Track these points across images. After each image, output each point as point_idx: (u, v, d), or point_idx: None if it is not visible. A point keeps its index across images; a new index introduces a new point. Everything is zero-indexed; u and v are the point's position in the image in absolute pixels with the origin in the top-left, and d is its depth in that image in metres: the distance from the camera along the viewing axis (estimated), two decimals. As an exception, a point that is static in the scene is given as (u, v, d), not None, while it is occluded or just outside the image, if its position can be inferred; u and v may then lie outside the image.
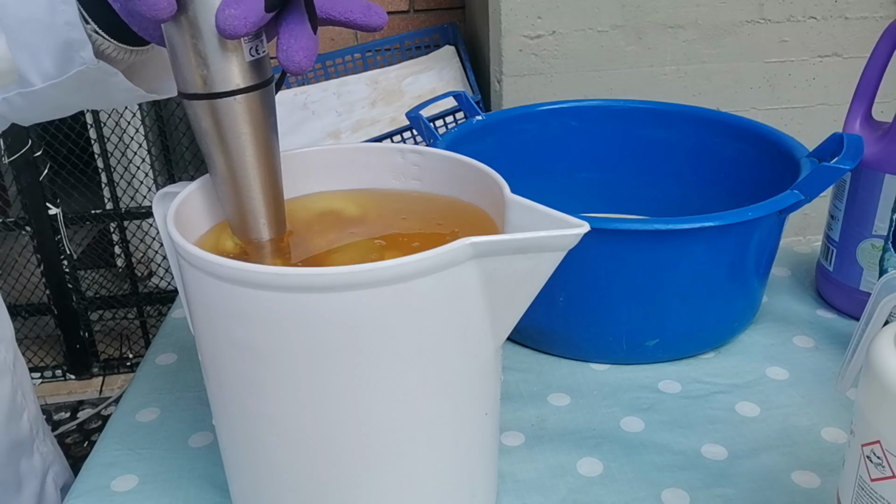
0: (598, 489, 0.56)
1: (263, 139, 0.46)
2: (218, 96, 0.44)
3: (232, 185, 0.47)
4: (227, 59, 0.44)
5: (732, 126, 0.81)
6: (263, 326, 0.42)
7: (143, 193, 1.84)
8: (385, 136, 1.13)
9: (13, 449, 0.67)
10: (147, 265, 2.00)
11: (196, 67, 0.44)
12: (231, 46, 0.43)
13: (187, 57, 0.44)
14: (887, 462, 0.39)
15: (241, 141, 0.46)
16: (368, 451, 0.45)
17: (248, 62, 0.44)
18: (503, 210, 0.48)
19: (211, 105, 0.45)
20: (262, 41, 0.45)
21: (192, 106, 0.45)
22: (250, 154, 0.46)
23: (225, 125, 0.45)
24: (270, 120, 0.47)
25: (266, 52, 0.45)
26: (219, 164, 0.47)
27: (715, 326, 0.70)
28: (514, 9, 1.18)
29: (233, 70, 0.44)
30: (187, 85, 0.45)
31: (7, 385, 0.66)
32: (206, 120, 0.45)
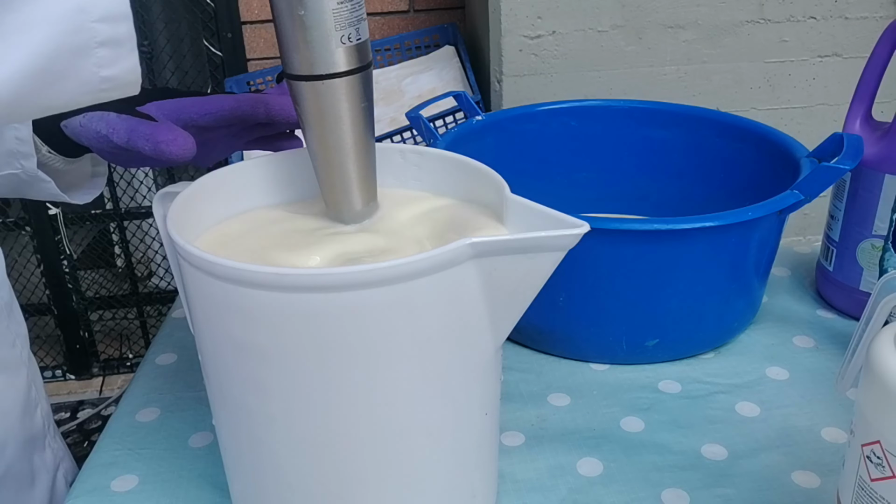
0: (598, 489, 0.56)
1: (360, 119, 0.49)
2: (315, 78, 0.47)
3: (327, 161, 0.50)
4: (322, 45, 0.46)
5: (732, 126, 0.81)
6: (263, 326, 0.42)
7: (143, 193, 1.84)
8: (385, 136, 1.13)
9: (28, 443, 0.67)
10: (147, 265, 2.00)
11: (295, 51, 0.46)
12: (327, 33, 0.45)
13: (289, 42, 0.46)
14: (887, 462, 0.39)
15: (340, 120, 0.48)
16: (368, 451, 0.45)
17: (344, 48, 0.46)
18: (503, 210, 0.48)
19: (313, 86, 0.47)
20: (358, 28, 0.46)
21: (296, 86, 0.48)
22: (347, 132, 0.49)
23: (325, 105, 0.48)
24: (367, 101, 0.49)
25: (366, 37, 0.48)
26: (317, 141, 0.49)
27: (715, 326, 0.70)
28: (514, 9, 1.18)
29: (328, 55, 0.46)
30: (290, 66, 0.47)
31: (23, 379, 0.67)
32: (309, 99, 0.48)
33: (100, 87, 0.41)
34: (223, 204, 0.53)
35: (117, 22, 0.39)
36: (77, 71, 0.39)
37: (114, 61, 0.40)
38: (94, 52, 0.39)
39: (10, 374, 0.66)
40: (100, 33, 0.39)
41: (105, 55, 0.40)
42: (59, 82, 0.40)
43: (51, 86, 0.39)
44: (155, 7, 1.67)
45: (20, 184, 0.60)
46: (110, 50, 0.40)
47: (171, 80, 1.71)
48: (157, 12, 1.67)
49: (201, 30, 1.59)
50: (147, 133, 0.51)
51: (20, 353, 0.68)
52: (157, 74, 1.67)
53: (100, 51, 0.39)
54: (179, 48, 1.67)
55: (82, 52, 0.39)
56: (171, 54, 1.67)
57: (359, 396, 0.44)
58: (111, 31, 0.39)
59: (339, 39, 0.46)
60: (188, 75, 1.69)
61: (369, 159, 0.51)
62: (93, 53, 0.39)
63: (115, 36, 0.39)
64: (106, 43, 0.39)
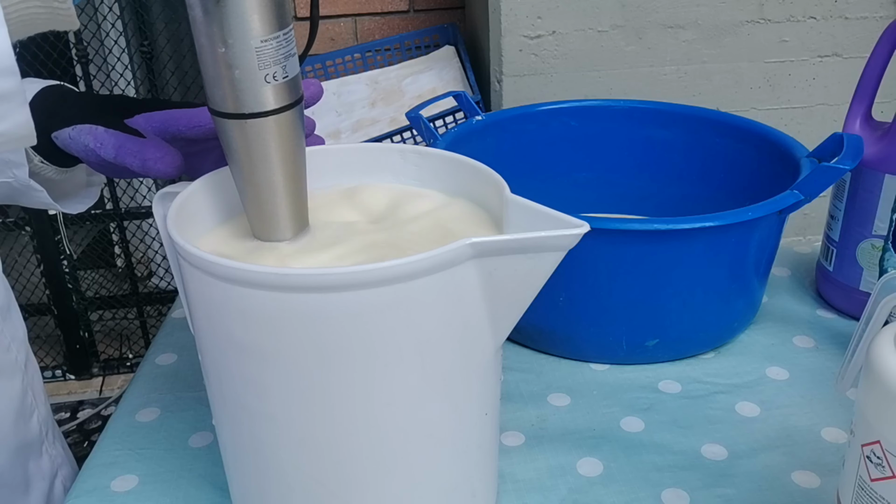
0: (598, 489, 0.56)
1: (290, 156, 0.47)
2: (238, 117, 0.45)
3: (256, 196, 0.48)
4: (246, 83, 0.44)
5: (732, 126, 0.81)
6: (263, 326, 0.42)
7: (143, 193, 1.84)
8: (385, 136, 1.13)
9: (21, 450, 0.66)
10: (147, 265, 2.00)
11: (229, 91, 0.45)
12: (250, 72, 0.44)
13: (212, 79, 0.45)
14: (887, 462, 0.39)
15: (269, 158, 0.47)
16: (368, 451, 0.45)
17: (270, 86, 0.45)
18: (503, 210, 0.48)
19: (240, 125, 0.46)
20: (285, 66, 0.45)
21: (221, 123, 0.46)
22: (277, 169, 0.47)
23: (254, 143, 0.46)
24: (297, 138, 0.48)
25: (295, 73, 0.46)
26: (245, 177, 0.48)
27: (715, 326, 0.70)
28: (514, 9, 1.18)
29: (252, 94, 0.45)
30: (214, 104, 0.46)
31: (17, 385, 0.66)
32: (237, 138, 0.46)
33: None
34: (223, 204, 0.53)
35: (3, 77, 0.38)
36: None
37: (3, 116, 0.39)
38: None
39: (4, 379, 0.65)
40: None
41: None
42: None
43: None
44: (155, 7, 1.67)
45: (13, 192, 0.59)
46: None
47: (171, 80, 1.71)
48: (157, 12, 1.67)
49: (201, 30, 1.59)
50: (135, 150, 0.52)
51: (15, 357, 0.67)
52: (157, 74, 1.67)
53: None
54: (179, 48, 1.67)
55: None
56: (171, 54, 1.67)
57: (359, 396, 0.44)
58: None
59: (264, 78, 0.44)
60: (188, 75, 1.69)
61: (300, 194, 0.49)
62: None
63: (2, 91, 0.38)
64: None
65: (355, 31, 1.51)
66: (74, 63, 1.65)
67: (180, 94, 1.71)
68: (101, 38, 1.68)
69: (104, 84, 1.72)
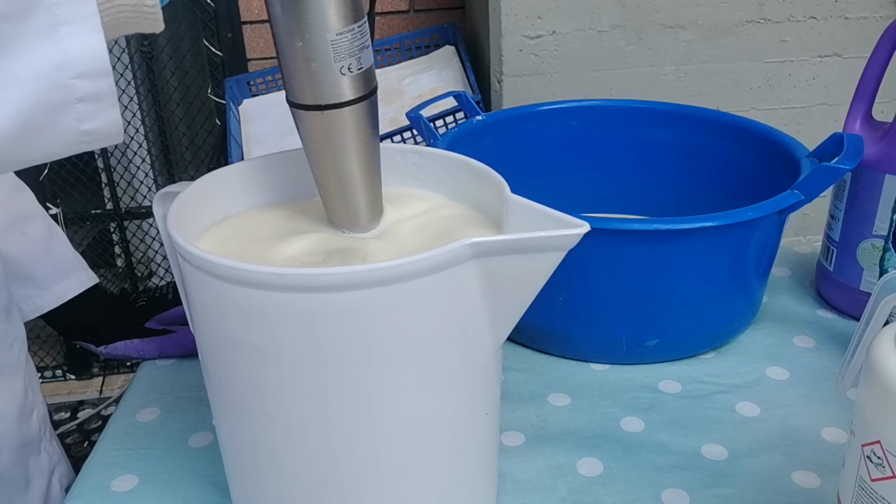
0: (598, 489, 0.56)
1: (366, 145, 0.48)
2: (324, 108, 0.46)
3: (334, 185, 0.49)
4: (335, 75, 0.45)
5: (732, 126, 0.81)
6: (263, 326, 0.42)
7: (143, 193, 1.84)
8: (385, 136, 1.13)
9: (23, 447, 0.67)
10: (147, 265, 2.00)
11: (308, 83, 0.46)
12: (326, 65, 0.45)
13: (290, 71, 0.46)
14: (887, 462, 0.39)
15: (346, 148, 0.48)
16: (368, 451, 0.45)
17: (345, 78, 0.46)
18: (503, 210, 0.48)
19: (317, 115, 0.47)
20: (360, 58, 0.46)
21: (299, 115, 0.47)
22: (353, 158, 0.48)
23: (332, 133, 0.47)
24: (373, 128, 0.49)
25: (369, 64, 0.47)
26: (323, 167, 0.49)
27: (715, 326, 0.70)
28: (514, 9, 1.18)
29: (326, 86, 0.46)
30: (292, 95, 0.47)
31: (20, 383, 0.67)
32: (314, 129, 0.47)
33: (80, 139, 0.41)
34: (223, 204, 0.53)
35: (97, 78, 0.39)
36: (57, 126, 0.40)
37: (94, 116, 0.40)
38: (74, 108, 0.40)
39: (7, 377, 0.66)
40: (79, 89, 0.39)
41: (85, 110, 0.40)
42: (40, 137, 0.40)
43: (31, 141, 0.40)
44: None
45: None
46: (90, 105, 0.40)
47: (171, 80, 1.71)
48: (157, 12, 1.67)
49: (201, 30, 1.59)
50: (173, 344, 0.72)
51: (17, 356, 0.68)
52: (157, 74, 1.67)
53: (79, 106, 0.40)
54: (179, 48, 1.67)
55: (62, 108, 0.39)
56: (171, 54, 1.67)
57: (359, 396, 0.44)
58: (90, 87, 0.39)
59: (339, 70, 0.45)
60: (188, 75, 1.69)
61: (375, 183, 0.50)
62: (72, 109, 0.40)
63: (95, 91, 0.40)
64: (85, 98, 0.40)
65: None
66: (74, 63, 1.65)
67: (180, 93, 1.71)
68: (101, 38, 1.68)
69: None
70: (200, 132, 1.71)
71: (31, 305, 0.74)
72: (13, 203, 0.73)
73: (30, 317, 0.74)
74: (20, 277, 0.72)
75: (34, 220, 0.74)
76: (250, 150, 1.24)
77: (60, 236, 0.78)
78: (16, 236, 0.72)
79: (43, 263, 0.74)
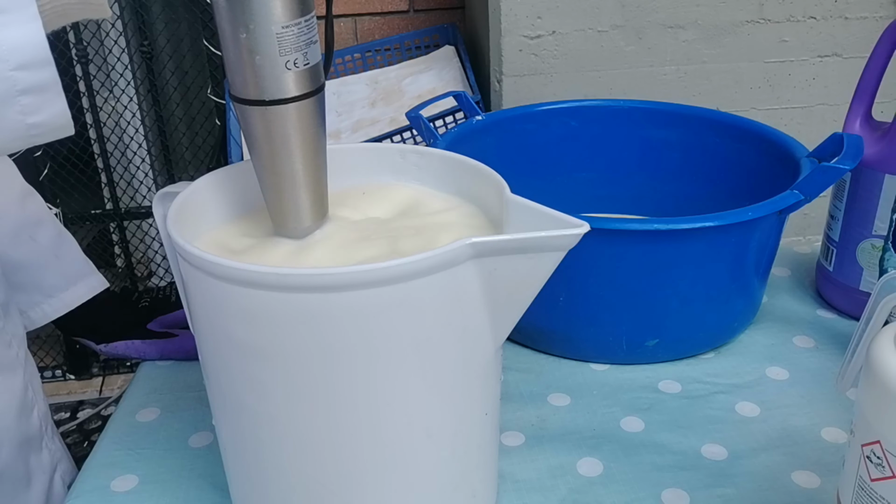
0: (598, 489, 0.56)
1: (310, 144, 0.47)
2: (261, 104, 0.45)
3: (276, 184, 0.48)
4: (268, 70, 0.44)
5: (732, 126, 0.81)
6: (263, 326, 0.42)
7: (143, 193, 1.84)
8: (385, 136, 1.13)
9: (23, 444, 0.67)
10: (147, 265, 2.00)
11: (251, 77, 0.45)
12: (272, 58, 0.44)
13: (235, 66, 0.45)
14: (887, 462, 0.39)
15: (289, 146, 0.47)
16: (368, 451, 0.45)
17: (292, 73, 0.45)
18: (503, 210, 0.48)
19: (261, 111, 0.46)
20: (307, 52, 0.45)
21: (243, 110, 0.46)
22: (297, 157, 0.47)
23: (275, 130, 0.46)
24: (318, 126, 0.48)
25: (318, 60, 0.46)
26: (265, 165, 0.48)
27: (715, 326, 0.70)
28: (514, 9, 1.18)
29: (273, 81, 0.45)
30: (236, 90, 0.46)
31: (19, 380, 0.67)
32: (258, 125, 0.46)
33: (28, 133, 0.40)
34: (223, 204, 0.53)
35: (38, 69, 0.38)
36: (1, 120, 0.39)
37: (39, 108, 0.40)
38: (17, 101, 0.39)
39: (6, 375, 0.66)
40: (20, 81, 0.38)
41: (29, 103, 0.39)
42: None
43: None
44: (155, 7, 1.67)
45: None
46: (34, 97, 0.39)
47: (171, 80, 1.71)
48: (157, 12, 1.67)
49: (201, 30, 1.59)
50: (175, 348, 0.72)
51: (16, 353, 0.68)
52: (157, 74, 1.67)
53: (23, 99, 0.39)
54: (179, 48, 1.67)
55: (4, 101, 0.38)
56: (171, 54, 1.67)
57: (359, 396, 0.44)
58: (32, 79, 0.39)
59: (285, 65, 0.44)
60: (188, 75, 1.69)
61: (320, 182, 0.49)
62: (15, 102, 0.39)
63: (38, 83, 0.39)
64: (28, 91, 0.39)
65: (355, 31, 1.51)
66: (74, 63, 1.65)
67: (180, 93, 1.71)
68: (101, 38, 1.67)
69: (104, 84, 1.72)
70: (200, 132, 1.71)
71: (39, 313, 0.74)
72: (23, 209, 0.73)
73: (38, 324, 0.74)
74: (28, 285, 0.72)
75: (44, 226, 0.74)
76: (250, 150, 1.24)
77: (71, 241, 0.77)
78: (26, 243, 0.71)
79: (52, 270, 0.73)
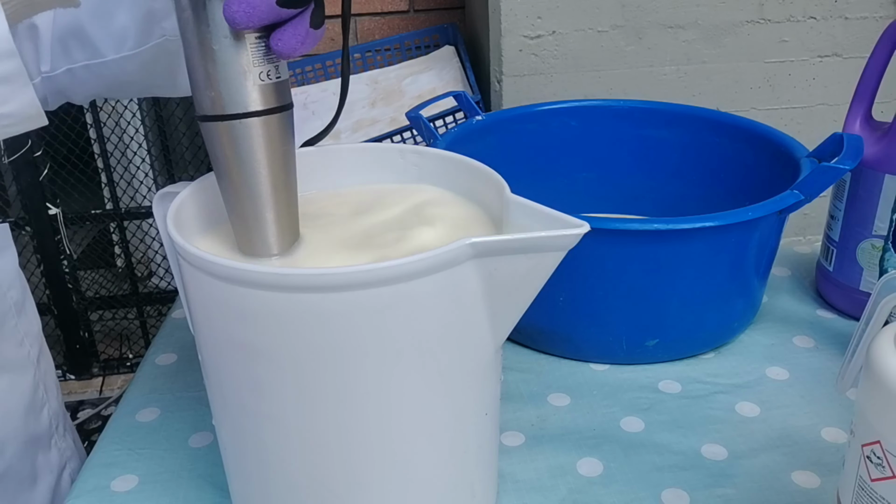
0: (598, 489, 0.56)
1: (279, 163, 0.46)
2: (228, 118, 0.44)
3: (241, 206, 0.46)
4: (238, 81, 0.43)
5: (732, 126, 0.81)
6: (263, 326, 0.42)
7: (143, 193, 1.84)
8: (385, 136, 1.13)
9: (31, 443, 0.67)
10: (147, 265, 2.00)
11: (208, 89, 0.44)
12: (242, 69, 0.43)
13: (201, 79, 0.44)
14: (887, 462, 0.39)
15: (257, 164, 0.45)
16: (368, 451, 0.45)
17: (262, 85, 0.44)
18: (503, 210, 0.48)
19: (223, 127, 0.44)
20: (278, 66, 0.44)
21: (208, 128, 0.45)
22: (264, 178, 0.45)
23: (241, 148, 0.45)
24: (287, 145, 0.46)
25: (286, 77, 0.45)
26: (231, 187, 0.46)
27: (715, 326, 0.70)
28: (514, 9, 1.18)
29: (244, 93, 0.43)
30: (201, 107, 0.45)
31: (29, 380, 0.67)
32: (219, 143, 0.45)
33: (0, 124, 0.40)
34: (223, 203, 0.53)
35: (2, 60, 0.38)
36: None
37: (6, 99, 0.39)
38: None
39: (15, 374, 0.65)
40: None
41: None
42: None
43: None
44: (155, 7, 1.67)
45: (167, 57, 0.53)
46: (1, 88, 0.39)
47: (171, 80, 1.71)
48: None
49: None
50: None
51: (28, 352, 0.67)
52: (157, 74, 1.67)
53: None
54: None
55: None
56: (171, 54, 1.67)
57: (358, 396, 0.44)
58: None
59: (258, 76, 0.43)
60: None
61: (290, 205, 0.47)
62: None
63: (3, 74, 0.38)
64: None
65: (355, 31, 1.51)
66: (74, 63, 1.65)
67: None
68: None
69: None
70: (200, 132, 1.71)
71: None
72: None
73: None
74: None
75: None
76: (250, 150, 1.23)
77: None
78: None
79: None
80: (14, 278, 0.67)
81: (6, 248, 0.66)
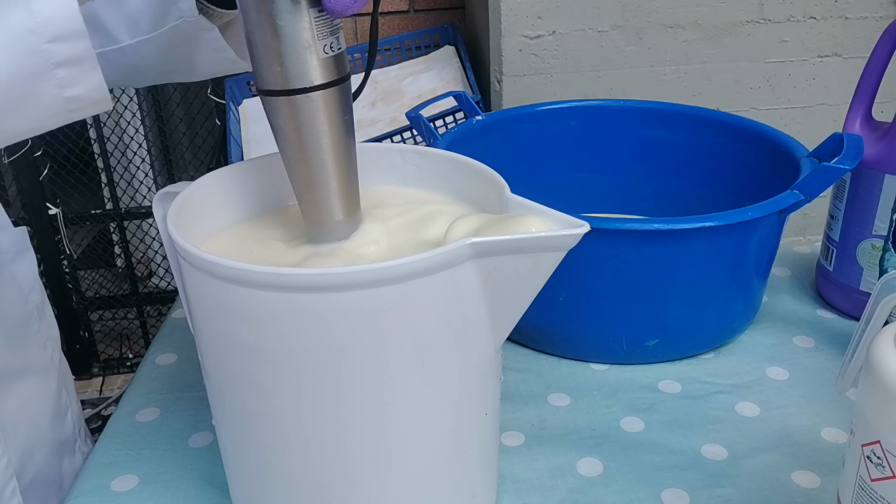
0: (598, 489, 0.56)
1: (341, 133, 0.47)
2: (295, 93, 0.45)
3: (307, 179, 0.48)
4: (303, 56, 0.44)
5: (732, 126, 0.81)
6: (263, 326, 0.42)
7: (143, 193, 1.84)
8: (385, 136, 1.13)
9: (57, 448, 0.66)
10: (147, 265, 2.00)
11: (272, 65, 0.44)
12: (307, 43, 0.44)
13: (265, 54, 0.44)
14: (887, 462, 0.39)
15: (318, 136, 0.46)
16: (368, 451, 0.45)
17: (325, 59, 0.44)
18: (503, 210, 0.48)
19: (288, 101, 0.45)
20: (337, 38, 0.45)
21: (270, 102, 0.46)
22: (326, 149, 0.47)
23: (301, 121, 0.46)
24: (347, 115, 0.47)
25: (343, 48, 0.46)
26: (295, 157, 0.47)
27: (715, 326, 0.70)
28: (514, 9, 1.18)
29: (309, 67, 0.44)
30: (265, 82, 0.45)
31: (53, 383, 0.66)
32: (284, 116, 0.46)
33: (66, 108, 0.40)
34: (223, 204, 0.53)
35: (72, 41, 0.38)
36: (39, 94, 0.38)
37: (75, 81, 0.39)
38: (53, 74, 0.38)
39: (41, 377, 0.65)
40: (56, 54, 0.38)
41: (65, 76, 0.39)
42: (23, 108, 0.38)
43: (14, 112, 0.38)
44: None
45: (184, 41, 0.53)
46: (70, 70, 0.39)
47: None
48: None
49: (201, 30, 1.59)
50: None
51: (51, 355, 0.66)
52: (158, 74, 1.67)
53: (59, 72, 0.38)
54: (179, 48, 1.67)
55: (41, 75, 0.38)
56: (171, 54, 1.67)
57: (358, 396, 0.44)
58: (67, 51, 0.38)
59: (323, 49, 0.44)
60: (188, 75, 1.69)
61: (351, 175, 0.49)
62: (52, 75, 0.38)
63: (73, 55, 0.38)
64: (64, 63, 0.38)
65: (355, 31, 1.51)
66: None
67: (180, 93, 1.71)
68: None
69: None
70: (200, 132, 1.71)
71: None
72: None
73: None
74: None
75: None
76: (250, 150, 1.24)
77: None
78: None
79: None
80: (34, 282, 0.66)
81: (26, 252, 0.66)
